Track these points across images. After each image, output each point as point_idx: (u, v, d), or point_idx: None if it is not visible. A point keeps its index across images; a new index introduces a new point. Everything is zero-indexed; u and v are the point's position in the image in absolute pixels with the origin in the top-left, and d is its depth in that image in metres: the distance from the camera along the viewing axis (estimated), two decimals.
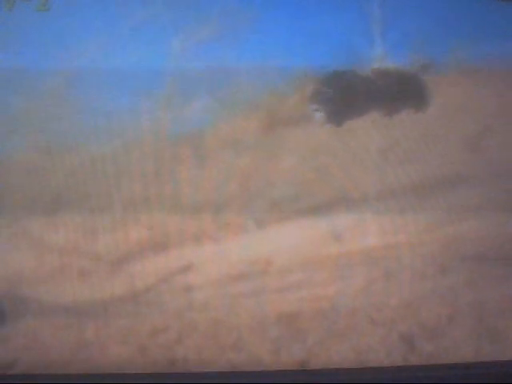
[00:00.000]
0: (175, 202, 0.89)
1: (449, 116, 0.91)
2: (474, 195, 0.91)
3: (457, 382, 0.86)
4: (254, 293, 0.90)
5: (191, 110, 0.89)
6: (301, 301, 0.90)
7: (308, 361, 0.90)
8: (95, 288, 0.90)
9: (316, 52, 0.89)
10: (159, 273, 0.90)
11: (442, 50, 0.90)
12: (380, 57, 0.89)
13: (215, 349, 0.90)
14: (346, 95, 0.90)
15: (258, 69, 0.89)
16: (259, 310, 0.90)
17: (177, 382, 0.88)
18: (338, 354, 0.90)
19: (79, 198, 0.89)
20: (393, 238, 0.90)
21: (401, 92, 0.90)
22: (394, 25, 0.90)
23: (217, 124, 0.89)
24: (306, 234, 0.90)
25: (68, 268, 0.90)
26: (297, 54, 0.89)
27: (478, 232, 0.91)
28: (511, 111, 0.91)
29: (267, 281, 0.90)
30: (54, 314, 0.90)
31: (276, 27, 0.89)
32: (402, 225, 0.90)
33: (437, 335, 0.90)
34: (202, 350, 0.90)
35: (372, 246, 0.90)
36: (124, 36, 0.89)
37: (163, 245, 0.90)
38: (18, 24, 0.89)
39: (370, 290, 0.90)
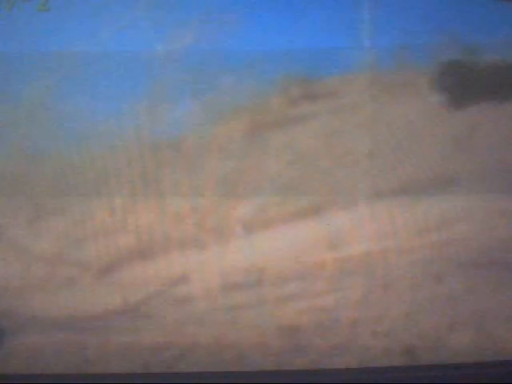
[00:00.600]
0: (160, 209, 0.89)
1: None
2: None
3: (457, 382, 0.86)
4: (250, 305, 0.90)
5: (174, 114, 0.88)
6: (299, 311, 0.90)
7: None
8: (83, 299, 0.89)
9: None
10: (147, 282, 0.89)
11: None
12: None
13: (217, 365, 0.89)
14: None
15: (241, 71, 0.88)
16: (258, 324, 0.90)
17: (177, 382, 0.88)
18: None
19: (63, 204, 0.89)
20: (384, 242, 0.90)
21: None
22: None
23: (201, 128, 0.88)
24: (295, 239, 0.89)
25: (55, 278, 0.89)
26: (286, 54, 0.89)
27: (470, 236, 0.90)
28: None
29: (263, 291, 0.90)
30: (45, 328, 0.89)
31: (261, 27, 0.89)
32: (394, 229, 0.90)
33: (438, 344, 0.90)
34: (203, 367, 0.90)
35: (362, 251, 0.89)
36: (109, 39, 0.88)
37: (150, 253, 0.89)
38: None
39: (362, 297, 0.90)
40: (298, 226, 0.89)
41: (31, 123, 0.88)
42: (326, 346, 0.90)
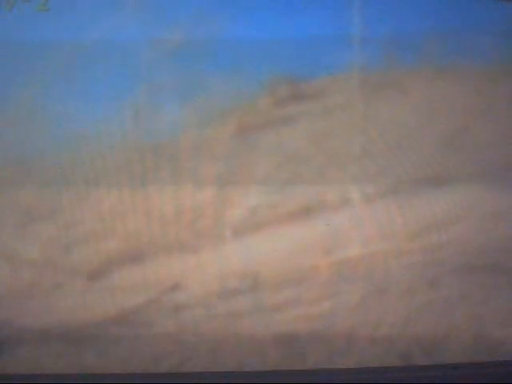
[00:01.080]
0: (149, 213, 0.88)
1: None
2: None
3: (457, 382, 0.86)
4: (246, 312, 0.89)
5: (162, 118, 0.88)
6: (296, 318, 0.89)
7: None
8: (71, 305, 0.89)
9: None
10: (137, 288, 0.89)
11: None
12: None
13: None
14: None
15: (228, 75, 0.88)
16: (255, 331, 0.89)
17: (177, 382, 0.88)
18: None
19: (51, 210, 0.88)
20: (377, 245, 0.89)
21: None
22: None
23: (190, 131, 0.88)
24: (286, 244, 0.89)
25: (45, 284, 0.89)
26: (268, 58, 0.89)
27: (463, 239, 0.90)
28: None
29: (258, 298, 0.90)
30: (36, 339, 0.89)
31: (250, 31, 0.89)
32: (386, 232, 0.90)
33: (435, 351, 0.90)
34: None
35: (354, 254, 0.89)
36: (93, 43, 0.88)
37: (139, 257, 0.88)
38: None
39: (354, 303, 0.89)
40: (287, 228, 0.89)
41: (18, 126, 0.87)
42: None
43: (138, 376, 0.89)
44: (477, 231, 0.89)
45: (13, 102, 0.87)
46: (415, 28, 0.89)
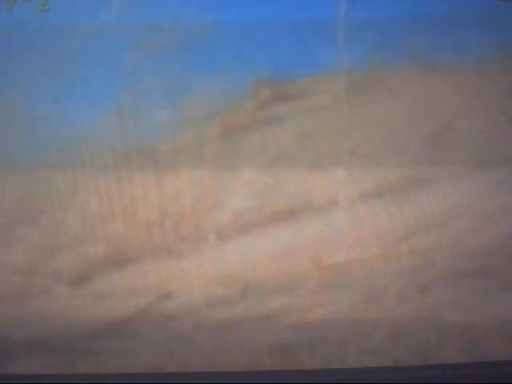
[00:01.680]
0: (132, 216, 0.88)
1: None
2: None
3: (457, 382, 0.86)
4: (239, 321, 0.89)
5: (146, 120, 0.87)
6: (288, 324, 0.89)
7: None
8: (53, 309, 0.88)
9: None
10: (120, 292, 0.88)
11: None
12: None
13: None
14: None
15: (213, 78, 0.87)
16: (249, 342, 0.89)
17: (176, 381, 0.88)
18: None
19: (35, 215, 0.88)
20: (364, 249, 0.89)
21: None
22: None
23: (174, 133, 0.88)
24: (271, 248, 0.88)
25: (31, 290, 0.88)
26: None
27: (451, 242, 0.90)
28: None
29: (248, 306, 0.89)
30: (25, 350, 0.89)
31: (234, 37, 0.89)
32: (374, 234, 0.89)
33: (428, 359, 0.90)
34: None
35: (342, 258, 0.89)
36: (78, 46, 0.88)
37: (122, 262, 0.88)
38: None
39: (344, 308, 0.89)
40: (274, 232, 0.89)
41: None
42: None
43: (138, 376, 0.89)
44: (470, 232, 0.89)
45: None
46: (403, 24, 0.89)
